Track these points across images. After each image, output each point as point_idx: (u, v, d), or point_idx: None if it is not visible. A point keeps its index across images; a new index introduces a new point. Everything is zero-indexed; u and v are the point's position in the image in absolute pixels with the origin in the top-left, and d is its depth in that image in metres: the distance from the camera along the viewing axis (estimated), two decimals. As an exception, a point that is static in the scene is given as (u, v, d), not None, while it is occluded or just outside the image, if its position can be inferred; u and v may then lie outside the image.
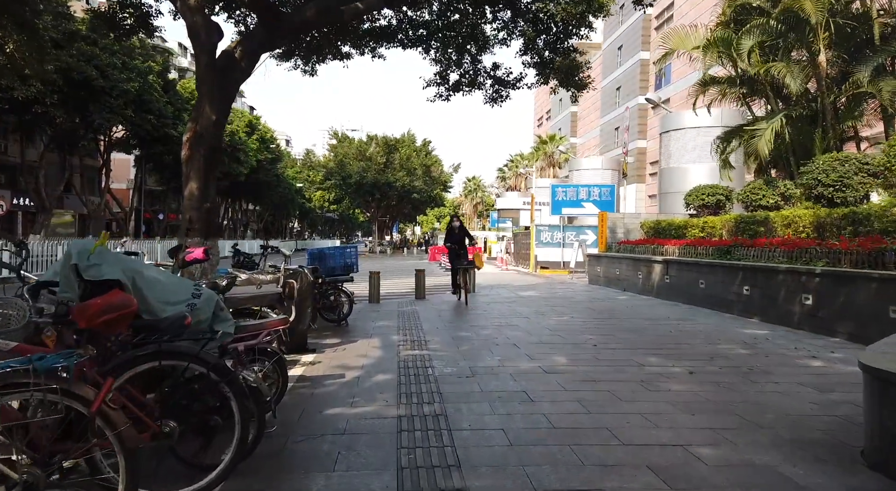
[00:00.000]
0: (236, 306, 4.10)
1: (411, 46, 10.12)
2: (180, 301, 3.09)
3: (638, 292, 11.73)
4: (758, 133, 11.70)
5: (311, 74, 11.29)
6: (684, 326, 7.50)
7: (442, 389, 4.29)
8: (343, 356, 5.60)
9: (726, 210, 13.70)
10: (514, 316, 8.51)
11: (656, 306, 9.61)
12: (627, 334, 6.81)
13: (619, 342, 6.30)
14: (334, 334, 6.92)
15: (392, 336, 6.72)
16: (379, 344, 6.23)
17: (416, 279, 11.44)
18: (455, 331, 7.09)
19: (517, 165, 49.47)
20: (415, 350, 5.85)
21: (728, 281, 8.61)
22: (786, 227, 9.37)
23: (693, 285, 9.57)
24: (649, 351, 5.78)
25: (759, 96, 13.36)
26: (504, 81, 8.89)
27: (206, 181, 6.15)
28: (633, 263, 12.01)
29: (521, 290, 13.22)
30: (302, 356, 5.57)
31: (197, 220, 6.10)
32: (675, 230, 12.48)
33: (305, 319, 5.59)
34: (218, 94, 6.15)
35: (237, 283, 5.57)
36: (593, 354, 5.64)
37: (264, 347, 3.45)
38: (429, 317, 8.38)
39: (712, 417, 3.63)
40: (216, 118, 6.11)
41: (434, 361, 5.29)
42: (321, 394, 4.22)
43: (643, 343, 6.25)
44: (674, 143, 20.02)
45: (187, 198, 6.14)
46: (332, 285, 7.68)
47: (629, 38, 37.76)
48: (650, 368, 5.02)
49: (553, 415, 3.65)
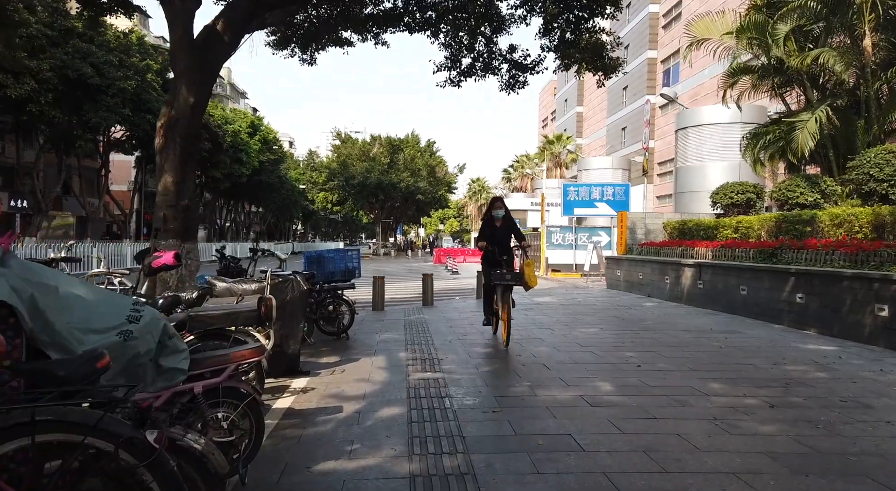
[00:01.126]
0: (205, 327, 3.22)
1: (418, 30, 9.24)
2: (109, 328, 2.21)
3: (665, 298, 10.77)
4: (798, 126, 10.74)
5: (310, 63, 10.44)
6: (733, 339, 6.56)
7: (465, 432, 3.39)
8: (342, 380, 4.71)
9: (757, 209, 12.74)
10: (535, 326, 7.59)
11: (692, 315, 8.66)
12: (671, 351, 5.88)
13: (665, 361, 5.37)
14: (333, 350, 6.03)
15: (399, 353, 5.82)
16: (384, 363, 5.33)
17: (424, 284, 10.56)
18: (470, 346, 6.18)
19: (523, 166, 48.54)
20: (426, 372, 4.95)
21: (776, 287, 7.66)
22: (836, 226, 8.41)
23: (732, 292, 8.62)
24: (706, 374, 4.85)
25: (793, 86, 12.39)
26: (521, 65, 7.99)
27: (182, 174, 5.29)
28: (660, 267, 11.06)
29: (536, 295, 12.28)
30: (293, 381, 4.68)
31: (172, 219, 5.24)
32: (703, 231, 11.53)
33: (296, 339, 4.70)
34: (197, 73, 5.29)
35: (215, 293, 4.70)
36: (640, 377, 4.72)
37: (233, 386, 2.56)
38: (439, 328, 7.48)
39: (837, 481, 2.70)
40: (195, 101, 5.24)
41: (451, 388, 4.38)
42: (311, 437, 3.33)
43: (695, 362, 5.32)
44: (691, 140, 19.07)
45: (161, 193, 5.28)
46: (331, 293, 6.79)
47: (636, 36, 36.86)
48: (716, 398, 4.10)
49: (618, 475, 2.74)
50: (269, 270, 4.64)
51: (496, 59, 8.00)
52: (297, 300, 4.81)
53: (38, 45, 20.45)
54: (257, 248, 6.55)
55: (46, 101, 20.80)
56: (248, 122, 39.60)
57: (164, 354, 2.36)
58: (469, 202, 66.54)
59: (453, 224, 74.02)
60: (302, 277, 5.08)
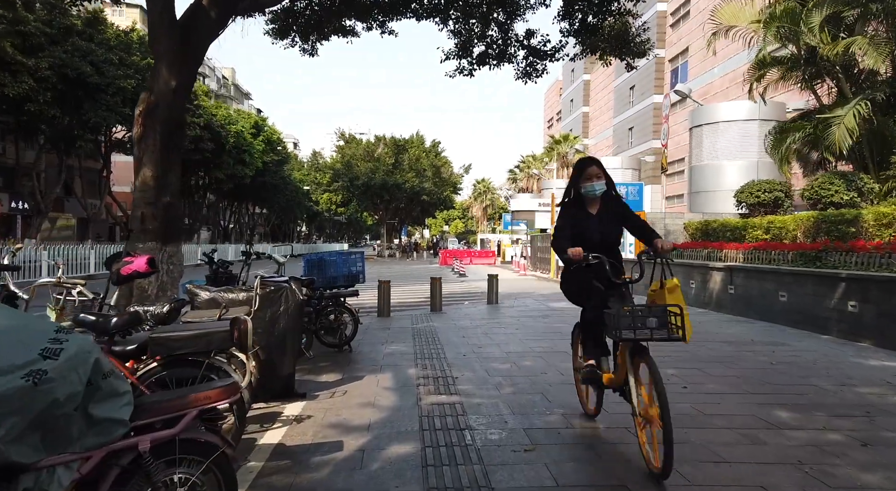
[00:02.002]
0: (170, 351, 2.58)
1: (426, 17, 8.60)
2: (10, 368, 1.58)
3: (691, 304, 10.06)
4: (833, 121, 10.01)
5: (312, 54, 9.82)
6: (782, 353, 5.86)
7: (493, 480, 2.73)
8: (343, 405, 4.06)
9: (785, 208, 12.02)
10: (556, 337, 6.92)
11: (725, 323, 7.96)
12: (716, 368, 5.19)
13: (714, 381, 4.69)
14: (334, 365, 5.39)
15: (408, 369, 5.17)
16: (391, 382, 4.68)
17: (432, 289, 9.91)
18: (487, 361, 5.52)
19: (529, 166, 47.87)
20: (440, 394, 4.29)
21: (822, 294, 6.94)
22: (883, 227, 7.70)
23: (769, 298, 7.91)
24: (767, 397, 4.17)
25: (824, 78, 11.65)
26: (540, 52, 7.33)
27: (164, 167, 4.67)
28: (685, 270, 10.35)
29: (550, 300, 11.61)
30: (286, 406, 4.04)
31: (151, 219, 4.61)
32: (730, 232, 10.81)
33: (290, 357, 4.06)
34: (179, 53, 4.67)
35: (197, 304, 4.07)
36: (690, 402, 4.04)
37: (193, 438, 1.92)
38: (450, 338, 6.82)
39: None
40: (176, 84, 4.62)
41: (470, 417, 3.73)
42: (304, 488, 2.68)
43: (748, 383, 4.63)
44: (706, 138, 18.37)
45: (139, 189, 4.66)
46: (332, 300, 6.15)
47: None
48: (791, 432, 3.41)
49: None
50: (260, 276, 4.00)
51: (512, 46, 7.36)
52: (292, 312, 4.17)
53: (37, 43, 20.04)
54: (250, 251, 5.92)
55: (45, 101, 20.39)
56: (251, 122, 39.16)
57: (95, 399, 1.73)
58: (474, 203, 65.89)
59: (458, 225, 73.40)
60: (298, 284, 4.44)
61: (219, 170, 34.06)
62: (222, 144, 32.88)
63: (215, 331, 2.48)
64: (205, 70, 54.34)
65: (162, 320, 3.15)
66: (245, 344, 2.35)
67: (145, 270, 3.71)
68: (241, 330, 2.36)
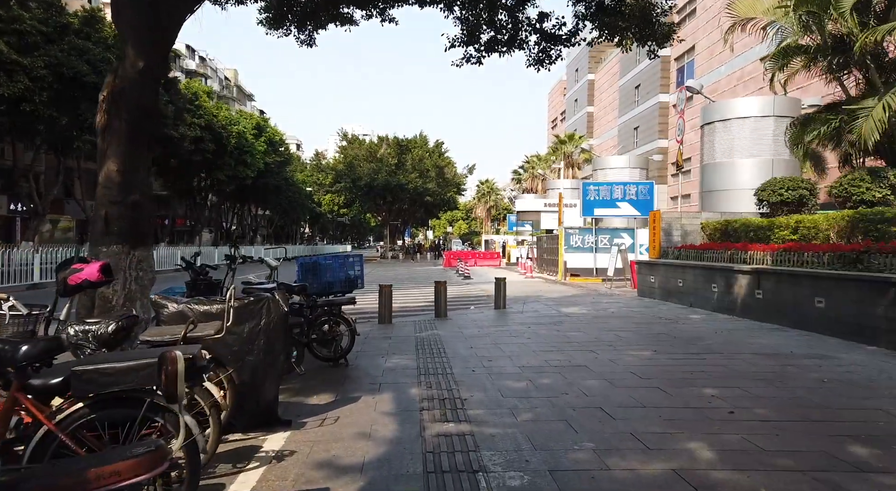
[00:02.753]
0: (99, 389, 1.99)
1: (430, 4, 8.03)
2: None
3: (712, 309, 9.42)
4: (861, 113, 9.35)
5: (309, 45, 9.25)
6: (831, 368, 5.22)
7: (519, 552, 2.13)
8: (334, 436, 3.46)
9: (810, 207, 11.35)
10: (572, 347, 6.30)
11: (755, 332, 7.31)
12: (761, 387, 4.56)
13: (763, 404, 4.06)
14: (327, 382, 4.80)
15: (410, 388, 4.57)
16: (391, 406, 4.09)
17: (437, 293, 9.30)
18: (501, 378, 4.91)
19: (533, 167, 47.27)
20: (448, 422, 3.69)
21: (867, 300, 6.30)
22: (930, 226, 7.03)
23: (804, 304, 7.26)
24: (832, 426, 3.54)
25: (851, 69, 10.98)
26: (554, 37, 6.72)
27: (132, 159, 4.10)
28: (705, 273, 9.70)
29: (561, 304, 10.99)
30: (267, 437, 3.44)
31: (117, 219, 4.04)
32: (753, 232, 10.16)
33: (272, 380, 3.47)
34: (146, 30, 4.10)
35: (164, 318, 3.49)
36: (743, 433, 3.42)
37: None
38: (457, 350, 6.22)
39: None
40: (145, 65, 4.05)
41: (484, 453, 3.12)
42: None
43: (803, 406, 4.01)
44: (718, 135, 17.69)
45: (103, 185, 4.08)
46: (326, 309, 5.57)
47: (650, 33, 35.59)
48: (877, 476, 2.79)
49: None
50: (233, 286, 3.41)
51: (524, 30, 6.75)
52: (275, 326, 3.59)
53: (33, 42, 19.65)
54: (235, 254, 5.33)
55: (41, 100, 19.97)
56: (253, 123, 38.73)
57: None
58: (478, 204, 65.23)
59: (462, 226, 72.82)
60: (283, 295, 3.87)
61: (220, 171, 33.62)
62: (224, 145, 32.43)
63: (143, 364, 1.87)
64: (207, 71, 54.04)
65: (107, 343, 2.57)
66: (173, 392, 1.73)
67: (97, 278, 3.13)
68: (169, 372, 1.75)
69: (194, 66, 51.30)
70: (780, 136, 14.49)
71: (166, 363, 1.71)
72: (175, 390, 1.71)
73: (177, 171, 32.14)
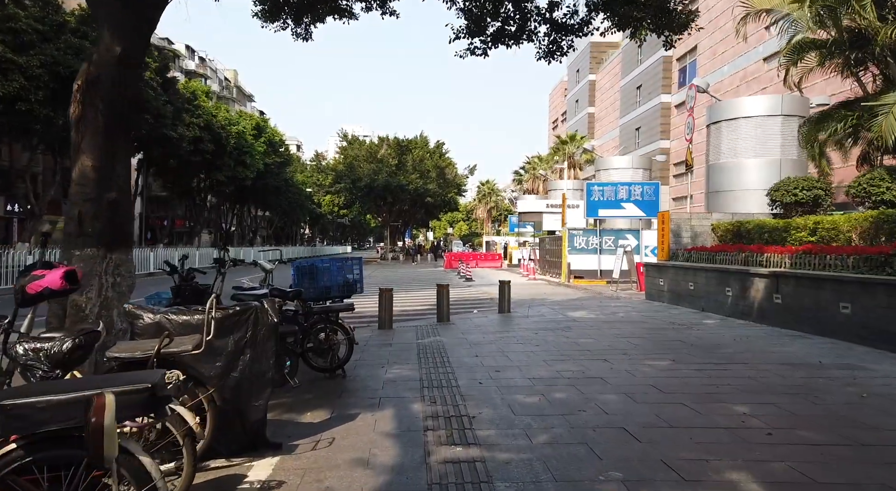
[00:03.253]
0: (35, 428, 1.62)
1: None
2: None
3: (726, 314, 9.04)
4: (880, 110, 8.99)
5: (305, 39, 8.87)
6: (867, 381, 4.84)
7: None
8: (328, 463, 3.09)
9: (825, 208, 10.98)
10: (584, 356, 5.93)
11: (776, 339, 6.93)
12: (796, 403, 4.19)
13: (802, 423, 3.68)
14: (322, 397, 4.43)
15: (413, 404, 4.20)
16: (392, 425, 3.72)
17: (439, 297, 8.94)
18: (509, 391, 4.54)
19: (535, 168, 46.93)
20: (456, 445, 3.32)
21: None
22: (960, 227, 6.66)
23: (828, 310, 6.88)
24: (884, 453, 3.16)
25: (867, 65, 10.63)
26: (565, 26, 6.36)
27: (109, 155, 3.74)
28: (719, 276, 9.33)
29: (567, 308, 10.63)
30: (252, 464, 3.07)
31: (92, 219, 3.68)
32: (767, 233, 9.79)
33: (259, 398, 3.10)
34: (124, 12, 3.74)
35: (138, 330, 3.12)
36: (786, 459, 3.05)
37: None
38: (462, 359, 5.85)
39: None
40: (122, 51, 3.69)
41: (497, 485, 2.75)
42: None
43: (848, 426, 3.63)
44: (724, 135, 17.32)
45: (76, 181, 3.73)
46: (323, 316, 5.20)
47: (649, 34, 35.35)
48: (954, 516, 2.42)
49: None
50: (214, 294, 3.05)
51: (533, 21, 6.40)
52: (264, 338, 3.22)
53: (28, 41, 19.36)
54: (225, 257, 4.96)
55: (37, 100, 19.68)
56: (253, 123, 38.42)
57: None
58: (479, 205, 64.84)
59: (462, 227, 72.47)
60: (273, 303, 3.50)
61: (219, 171, 33.29)
62: (223, 146, 32.11)
63: (86, 397, 1.48)
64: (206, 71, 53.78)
65: (61, 363, 2.20)
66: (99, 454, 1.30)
67: (60, 286, 2.76)
68: (94, 424, 1.31)
69: (194, 66, 51.07)
70: (788, 136, 14.14)
71: (91, 411, 1.29)
72: (101, 452, 1.30)
73: (175, 171, 31.81)
